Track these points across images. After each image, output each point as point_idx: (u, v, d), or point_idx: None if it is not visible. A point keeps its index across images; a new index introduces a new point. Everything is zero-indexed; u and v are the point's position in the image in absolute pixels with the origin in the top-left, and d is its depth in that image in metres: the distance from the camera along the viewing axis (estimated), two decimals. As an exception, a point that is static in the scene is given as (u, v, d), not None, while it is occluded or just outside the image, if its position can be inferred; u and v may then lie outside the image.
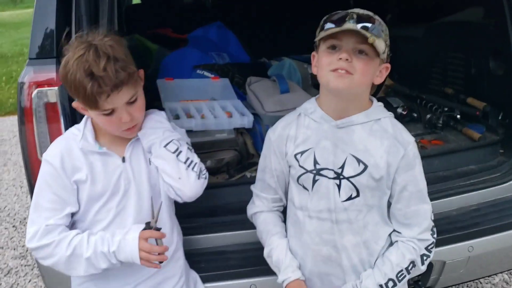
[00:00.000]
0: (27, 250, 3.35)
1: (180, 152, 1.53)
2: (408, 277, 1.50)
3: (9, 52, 12.47)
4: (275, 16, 3.98)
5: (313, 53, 1.49)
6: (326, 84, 1.39)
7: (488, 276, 2.73)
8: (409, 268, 1.49)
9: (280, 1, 3.98)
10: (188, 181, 1.53)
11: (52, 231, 1.45)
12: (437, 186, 2.04)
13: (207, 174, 1.62)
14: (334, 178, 1.46)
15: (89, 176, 1.47)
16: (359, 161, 1.44)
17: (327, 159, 1.46)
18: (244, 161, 2.29)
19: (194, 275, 1.79)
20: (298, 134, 1.51)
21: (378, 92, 1.72)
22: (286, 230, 1.65)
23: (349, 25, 1.32)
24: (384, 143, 1.45)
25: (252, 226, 1.83)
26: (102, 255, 1.43)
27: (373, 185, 1.45)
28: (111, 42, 1.39)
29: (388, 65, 1.44)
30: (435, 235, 1.55)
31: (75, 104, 1.47)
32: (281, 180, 1.61)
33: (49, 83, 1.68)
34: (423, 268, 1.53)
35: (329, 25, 1.37)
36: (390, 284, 1.47)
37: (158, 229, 1.47)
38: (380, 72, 1.43)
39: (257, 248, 1.72)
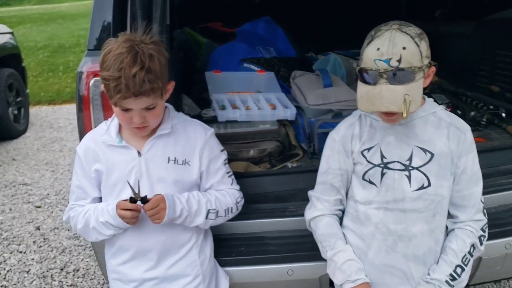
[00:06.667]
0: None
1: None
2: (472, 259, 1.57)
3: (67, 42, 12.92)
4: (324, 11, 4.00)
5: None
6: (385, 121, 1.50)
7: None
8: (471, 251, 1.56)
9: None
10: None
11: (74, 208, 1.69)
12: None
13: (242, 201, 1.77)
14: (402, 170, 1.52)
15: (105, 167, 1.61)
16: (425, 151, 1.51)
17: (393, 153, 1.53)
18: (286, 152, 2.35)
19: (224, 283, 1.82)
20: (363, 133, 1.58)
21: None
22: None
23: (382, 85, 1.37)
24: (444, 131, 1.52)
25: (291, 215, 1.89)
26: (101, 224, 1.60)
27: (442, 173, 1.52)
28: (153, 52, 1.45)
29: (433, 68, 1.44)
30: (486, 216, 1.61)
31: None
32: (345, 179, 1.64)
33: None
34: (482, 248, 1.60)
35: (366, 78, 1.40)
36: (459, 270, 1.54)
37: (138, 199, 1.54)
38: (428, 75, 1.44)
39: (295, 235, 1.80)
